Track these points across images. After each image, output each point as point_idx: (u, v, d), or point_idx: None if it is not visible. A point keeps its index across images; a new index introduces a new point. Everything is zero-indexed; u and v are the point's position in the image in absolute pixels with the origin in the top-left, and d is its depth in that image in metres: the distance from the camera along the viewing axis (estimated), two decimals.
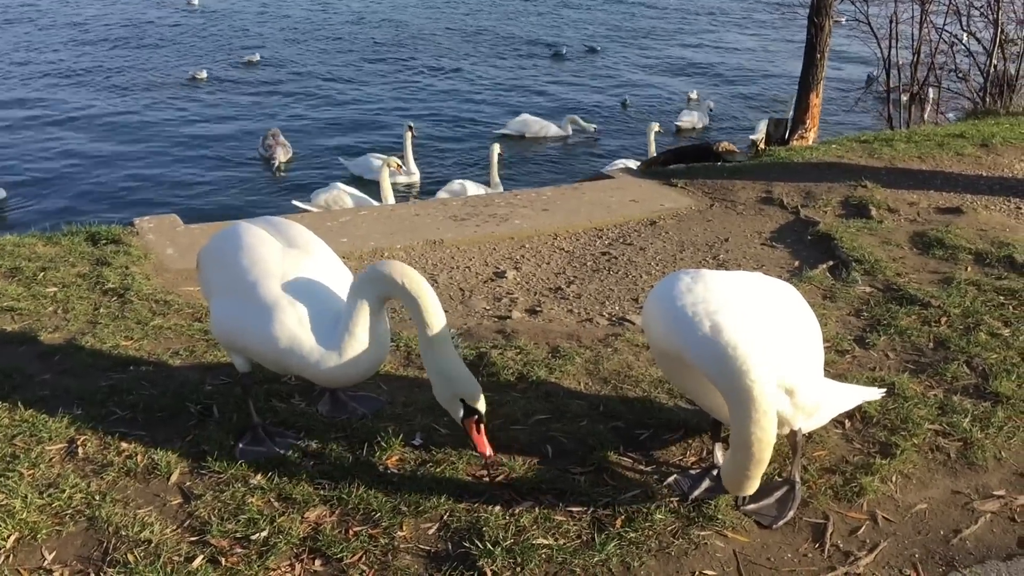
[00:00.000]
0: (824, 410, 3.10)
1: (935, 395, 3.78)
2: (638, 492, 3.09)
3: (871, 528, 3.00)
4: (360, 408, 3.54)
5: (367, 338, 3.02)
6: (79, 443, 3.28)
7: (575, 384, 3.82)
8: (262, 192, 13.12)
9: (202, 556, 2.74)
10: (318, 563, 2.75)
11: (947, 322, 4.44)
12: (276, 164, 13.94)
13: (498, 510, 2.96)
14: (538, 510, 2.97)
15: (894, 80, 13.03)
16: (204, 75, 18.98)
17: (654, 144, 13.85)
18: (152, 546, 2.77)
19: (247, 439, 3.30)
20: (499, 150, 12.25)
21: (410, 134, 13.24)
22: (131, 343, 4.07)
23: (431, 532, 2.89)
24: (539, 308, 4.92)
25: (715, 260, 5.61)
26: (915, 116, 12.50)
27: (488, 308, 4.95)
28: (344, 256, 4.65)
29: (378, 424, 3.42)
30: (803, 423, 3.04)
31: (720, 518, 2.97)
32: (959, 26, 12.89)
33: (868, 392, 3.36)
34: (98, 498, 2.98)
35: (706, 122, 16.96)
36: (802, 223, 6.15)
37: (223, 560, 2.72)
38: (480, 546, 2.79)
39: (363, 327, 3.00)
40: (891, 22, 12.75)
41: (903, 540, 2.96)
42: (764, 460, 2.70)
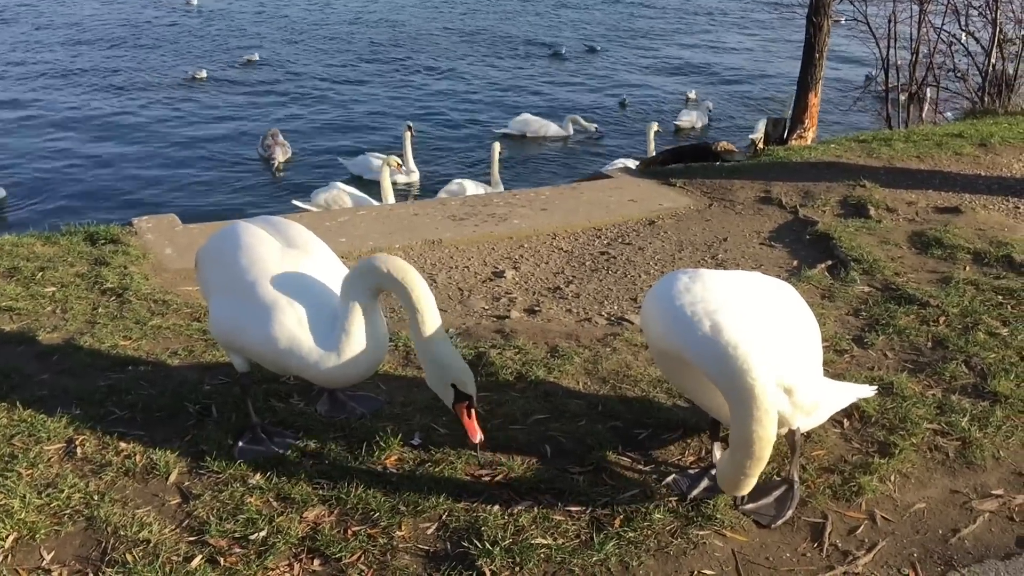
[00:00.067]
0: (822, 409, 3.11)
1: (934, 394, 3.78)
2: (637, 492, 3.09)
3: (870, 527, 3.00)
4: (359, 408, 3.54)
5: (365, 338, 3.02)
6: (77, 443, 3.28)
7: (574, 384, 3.82)
8: (261, 192, 13.12)
9: (201, 556, 2.74)
10: (317, 563, 2.75)
11: (945, 321, 4.44)
12: (275, 164, 13.94)
13: (497, 510, 2.96)
14: (537, 510, 2.97)
15: (892, 80, 13.02)
16: (203, 75, 18.97)
17: (653, 144, 13.87)
18: (151, 546, 2.77)
19: (246, 439, 3.30)
20: (500, 149, 12.25)
21: (409, 133, 13.24)
22: (130, 343, 4.06)
23: (430, 532, 2.89)
24: (538, 308, 4.92)
25: (714, 260, 5.61)
26: (913, 116, 12.48)
27: (487, 308, 4.95)
28: (343, 256, 4.65)
29: (377, 424, 3.42)
30: (802, 422, 3.05)
31: (719, 517, 2.97)
32: (958, 26, 12.87)
33: (861, 389, 3.37)
34: (96, 498, 2.98)
35: (705, 122, 16.97)
36: (801, 223, 6.15)
37: (222, 560, 2.73)
38: (479, 546, 2.79)
39: (359, 326, 3.01)
40: (890, 22, 12.74)
41: (902, 539, 2.96)
42: (764, 459, 2.71)
